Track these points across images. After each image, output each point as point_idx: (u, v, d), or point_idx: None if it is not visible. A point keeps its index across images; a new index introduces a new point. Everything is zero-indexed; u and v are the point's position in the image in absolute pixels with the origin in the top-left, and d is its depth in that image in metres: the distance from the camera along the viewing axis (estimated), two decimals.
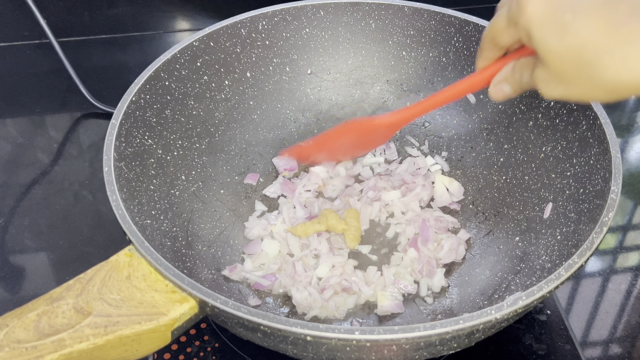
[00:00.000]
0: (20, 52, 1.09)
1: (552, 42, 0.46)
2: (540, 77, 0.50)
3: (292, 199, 0.80)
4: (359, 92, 0.89)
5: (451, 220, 0.78)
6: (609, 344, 0.70)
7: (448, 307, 0.70)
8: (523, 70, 0.53)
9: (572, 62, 0.45)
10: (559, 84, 0.48)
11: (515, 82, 0.55)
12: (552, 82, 0.49)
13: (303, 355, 0.56)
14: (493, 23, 0.54)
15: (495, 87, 0.57)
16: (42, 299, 0.51)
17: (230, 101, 0.83)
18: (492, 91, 0.58)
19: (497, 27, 0.53)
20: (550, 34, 0.46)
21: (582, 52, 0.44)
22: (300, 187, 0.81)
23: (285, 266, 0.73)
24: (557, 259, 0.62)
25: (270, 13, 0.82)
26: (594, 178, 0.64)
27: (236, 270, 0.72)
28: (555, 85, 0.49)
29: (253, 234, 0.77)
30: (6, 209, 0.84)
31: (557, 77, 0.48)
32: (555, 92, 0.49)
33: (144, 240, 0.56)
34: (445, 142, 0.86)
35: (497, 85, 0.57)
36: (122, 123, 0.66)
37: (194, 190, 0.77)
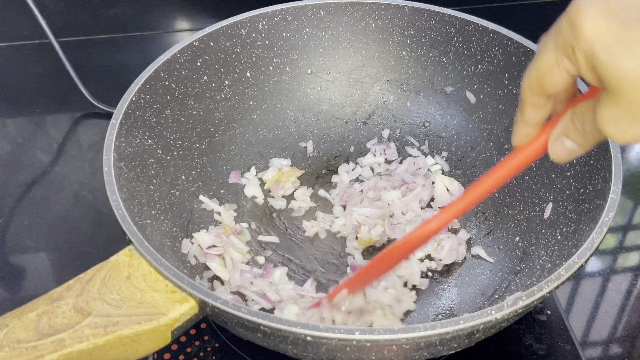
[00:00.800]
0: (20, 52, 1.09)
1: (627, 65, 0.37)
2: (608, 117, 0.40)
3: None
4: (359, 92, 0.89)
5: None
6: (609, 344, 0.70)
7: (448, 308, 0.70)
8: (585, 115, 0.42)
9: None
10: (633, 121, 0.39)
11: (579, 134, 0.44)
12: (624, 121, 0.39)
13: (303, 355, 0.55)
14: (537, 61, 0.43)
15: (554, 144, 0.45)
16: (42, 299, 0.51)
17: (230, 101, 0.83)
18: (552, 150, 0.46)
19: (544, 64, 0.42)
20: (621, 55, 0.37)
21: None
22: None
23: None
24: (557, 259, 0.62)
25: (270, 13, 0.82)
26: (594, 178, 0.63)
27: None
28: (630, 124, 0.39)
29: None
30: (6, 209, 0.84)
31: (632, 112, 0.39)
32: (629, 134, 0.40)
33: (143, 240, 0.56)
34: (445, 142, 0.86)
35: (557, 141, 0.45)
36: (122, 123, 0.66)
37: (194, 190, 0.77)
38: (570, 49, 0.40)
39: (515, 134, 0.48)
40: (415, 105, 0.88)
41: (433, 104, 0.86)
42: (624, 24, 0.37)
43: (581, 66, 0.40)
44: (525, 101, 0.45)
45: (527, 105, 0.45)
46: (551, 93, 0.44)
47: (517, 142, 0.48)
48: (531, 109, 0.46)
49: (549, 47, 0.42)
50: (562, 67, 0.41)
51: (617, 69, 0.37)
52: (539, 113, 0.46)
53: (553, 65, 0.41)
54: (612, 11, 0.38)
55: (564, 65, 0.41)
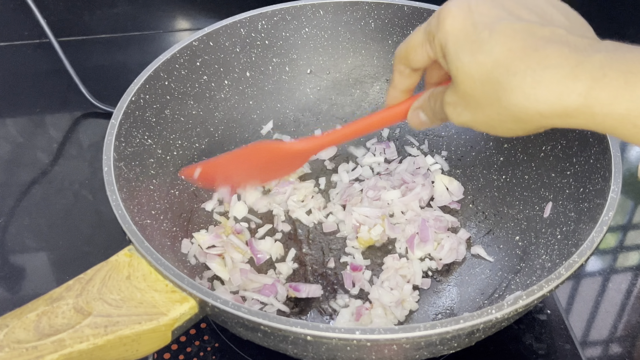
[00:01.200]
0: (20, 52, 1.09)
1: (464, 59, 0.44)
2: (449, 100, 0.47)
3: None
4: (358, 92, 0.89)
5: (451, 219, 0.78)
6: (609, 344, 0.70)
7: (448, 307, 0.70)
8: (437, 97, 0.50)
9: (482, 82, 0.43)
10: (466, 108, 0.46)
11: (430, 110, 0.52)
12: (459, 106, 0.46)
13: (303, 355, 0.56)
14: (409, 39, 0.51)
15: (412, 112, 0.54)
16: (42, 299, 0.51)
17: (230, 101, 0.83)
18: (409, 117, 0.55)
19: (412, 43, 0.50)
20: (464, 50, 0.44)
21: (493, 71, 0.42)
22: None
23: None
24: (557, 258, 0.62)
25: (269, 12, 0.82)
26: (594, 177, 0.63)
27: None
28: (463, 109, 0.46)
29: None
30: (6, 209, 0.84)
31: (466, 99, 0.45)
32: (462, 117, 0.47)
33: (143, 240, 0.56)
34: (445, 142, 0.86)
35: (414, 111, 0.54)
36: (121, 123, 0.66)
37: (194, 190, 0.77)
38: (432, 36, 0.47)
39: (387, 95, 0.57)
40: None
41: None
42: (474, 25, 0.44)
43: (437, 52, 0.48)
44: (395, 68, 0.54)
45: (396, 72, 0.54)
46: (414, 67, 0.52)
47: (387, 102, 0.57)
48: (398, 76, 0.54)
49: (420, 30, 0.50)
50: (424, 49, 0.49)
51: (457, 60, 0.44)
52: (404, 81, 0.54)
53: (418, 45, 0.50)
54: (471, 14, 0.44)
55: (425, 48, 0.49)
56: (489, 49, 0.42)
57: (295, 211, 0.79)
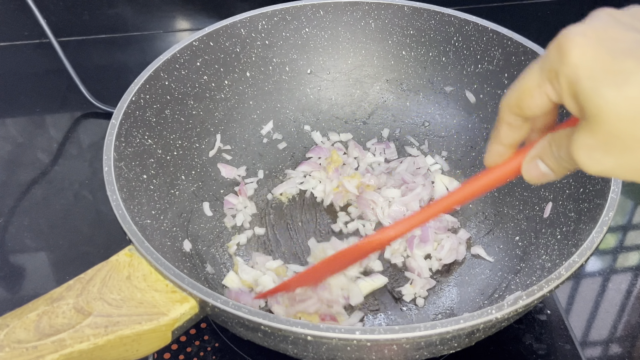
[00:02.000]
0: (20, 52, 1.09)
1: (608, 94, 0.36)
2: (582, 144, 0.39)
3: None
4: (358, 92, 0.89)
5: (451, 219, 0.78)
6: (609, 344, 0.70)
7: (448, 307, 0.70)
8: (562, 141, 0.42)
9: (632, 119, 0.36)
10: (608, 152, 0.38)
11: (554, 159, 0.43)
12: (598, 151, 0.38)
13: (303, 355, 0.56)
14: (520, 82, 0.43)
15: (529, 164, 0.45)
16: (43, 299, 0.51)
17: (230, 101, 0.83)
18: (525, 170, 0.46)
19: (526, 86, 0.42)
20: (604, 84, 0.36)
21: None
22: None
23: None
24: (557, 259, 0.62)
25: (269, 13, 0.82)
26: (593, 177, 0.63)
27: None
28: (603, 155, 0.38)
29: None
30: (6, 209, 0.84)
31: (608, 142, 0.38)
32: (602, 164, 0.39)
33: (144, 240, 0.56)
34: (445, 142, 0.86)
35: (532, 162, 0.45)
36: (122, 123, 0.66)
37: (194, 190, 0.77)
38: (554, 73, 0.40)
39: (488, 153, 0.48)
40: (414, 104, 0.88)
41: (433, 103, 0.86)
42: (611, 54, 0.37)
43: (563, 92, 0.40)
44: (502, 119, 0.46)
45: (503, 124, 0.46)
46: (528, 115, 0.44)
47: (489, 161, 0.48)
48: (506, 128, 0.46)
49: (534, 70, 0.41)
50: (543, 90, 0.41)
51: (599, 96, 0.37)
52: (513, 134, 0.46)
53: (534, 87, 0.41)
54: (601, 41, 0.38)
55: (545, 88, 0.41)
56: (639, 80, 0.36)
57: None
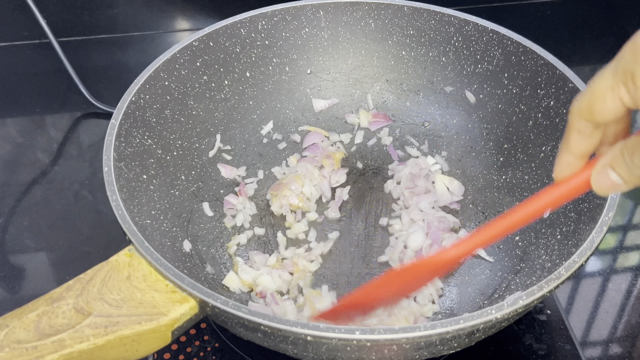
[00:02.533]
0: (20, 52, 1.09)
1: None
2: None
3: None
4: (358, 92, 0.89)
5: (453, 220, 0.78)
6: (609, 344, 0.70)
7: (448, 307, 0.70)
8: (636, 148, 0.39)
9: None
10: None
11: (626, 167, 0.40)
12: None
13: (303, 355, 0.56)
14: (591, 87, 0.40)
15: (600, 173, 0.42)
16: (42, 299, 0.51)
17: (230, 101, 0.83)
18: (595, 180, 0.43)
19: (598, 89, 0.39)
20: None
21: None
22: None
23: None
24: (557, 259, 0.62)
25: (269, 13, 0.82)
26: None
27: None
28: None
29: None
30: (6, 209, 0.84)
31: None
32: None
33: (144, 240, 0.56)
34: (445, 142, 0.86)
35: (602, 171, 0.42)
36: (121, 123, 0.66)
37: (193, 190, 0.77)
38: (629, 75, 0.37)
39: (558, 164, 0.45)
40: (414, 105, 0.88)
41: (433, 103, 0.86)
42: None
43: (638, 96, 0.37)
44: (572, 127, 0.43)
45: (573, 132, 0.43)
46: (600, 121, 0.41)
47: (559, 173, 0.45)
48: (577, 136, 0.43)
49: (607, 73, 0.39)
50: (616, 93, 0.39)
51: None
52: (584, 142, 0.43)
53: (607, 91, 0.39)
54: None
55: (619, 92, 0.38)
56: None
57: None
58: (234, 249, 0.75)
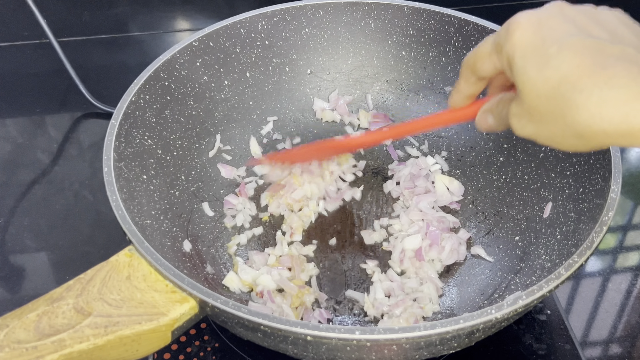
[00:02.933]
0: (20, 52, 1.09)
1: (531, 73, 0.43)
2: (514, 112, 0.47)
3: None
4: (358, 92, 0.89)
5: (452, 220, 0.78)
6: (609, 344, 0.70)
7: (448, 307, 0.70)
8: (505, 104, 0.50)
9: (547, 97, 0.43)
10: (530, 120, 0.45)
11: (498, 115, 0.52)
12: (523, 118, 0.46)
13: (303, 355, 0.56)
14: (477, 48, 0.51)
15: (481, 115, 0.54)
16: (42, 299, 0.51)
17: (230, 101, 0.83)
18: (478, 119, 0.55)
19: (480, 52, 0.50)
20: (531, 64, 0.43)
21: (559, 87, 0.42)
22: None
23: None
24: (557, 259, 0.62)
25: (269, 13, 0.82)
26: (593, 177, 0.64)
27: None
28: (526, 122, 0.46)
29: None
30: (6, 209, 0.84)
31: (530, 113, 0.45)
32: (525, 129, 0.46)
33: (144, 241, 0.56)
34: (445, 142, 0.86)
35: (483, 114, 0.54)
36: (121, 123, 0.66)
37: (193, 190, 0.77)
38: (500, 47, 0.47)
39: (450, 99, 0.57)
40: (414, 105, 0.88)
41: (432, 103, 0.86)
42: (543, 40, 0.43)
43: (504, 64, 0.47)
44: (462, 75, 0.54)
45: (462, 78, 0.54)
46: (480, 76, 0.52)
47: (450, 104, 0.58)
48: (464, 82, 0.54)
49: (489, 41, 0.50)
50: (491, 59, 0.49)
51: (524, 74, 0.44)
52: (469, 88, 0.54)
53: (486, 55, 0.50)
54: (540, 27, 0.44)
55: (492, 58, 0.49)
56: (557, 64, 0.42)
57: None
58: (234, 249, 0.75)
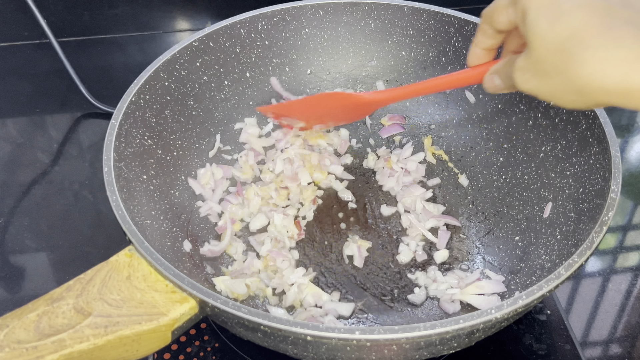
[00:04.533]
0: (20, 52, 1.09)
1: (542, 26, 0.46)
2: (520, 65, 0.49)
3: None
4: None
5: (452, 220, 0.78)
6: (609, 344, 0.70)
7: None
8: (512, 64, 0.52)
9: (554, 50, 0.45)
10: (534, 75, 0.48)
11: (505, 75, 0.54)
12: (528, 72, 0.48)
13: (303, 355, 0.56)
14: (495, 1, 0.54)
15: (489, 76, 0.57)
16: (42, 299, 0.51)
17: (230, 101, 0.83)
18: (485, 80, 0.58)
19: (498, 4, 0.53)
20: (543, 17, 0.46)
21: (567, 42, 0.44)
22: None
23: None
24: (557, 259, 0.62)
25: (269, 13, 0.82)
26: (593, 177, 0.64)
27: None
28: (530, 76, 0.48)
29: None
30: (6, 209, 0.84)
31: (536, 66, 0.47)
32: (528, 83, 0.49)
33: (144, 241, 0.56)
34: (445, 142, 0.86)
35: (490, 75, 0.57)
36: (121, 123, 0.66)
37: (193, 190, 0.77)
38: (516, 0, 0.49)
39: (469, 54, 0.60)
40: (414, 104, 0.88)
41: (432, 103, 0.87)
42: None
43: (518, 17, 0.49)
44: (480, 27, 0.57)
45: (480, 30, 0.57)
46: (497, 28, 0.54)
47: (469, 61, 0.60)
48: (482, 35, 0.57)
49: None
50: (507, 11, 0.52)
51: (535, 27, 0.46)
52: (486, 40, 0.57)
53: (502, 7, 0.52)
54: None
55: (508, 10, 0.52)
56: (568, 20, 0.44)
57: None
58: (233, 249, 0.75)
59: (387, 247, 0.76)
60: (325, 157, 0.83)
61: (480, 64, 0.59)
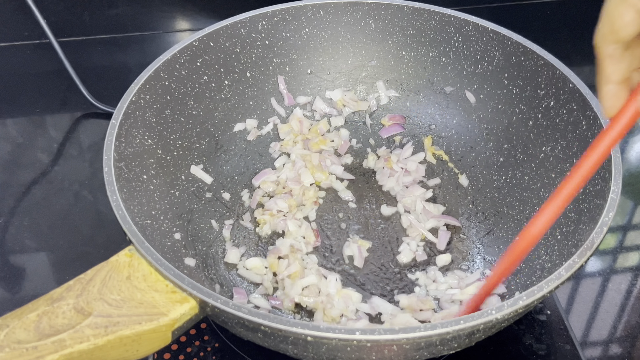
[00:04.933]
0: (20, 52, 1.09)
1: None
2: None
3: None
4: (358, 92, 0.89)
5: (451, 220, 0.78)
6: (609, 344, 0.70)
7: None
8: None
9: None
10: None
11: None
12: None
13: (303, 355, 0.56)
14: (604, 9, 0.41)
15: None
16: (43, 299, 0.51)
17: (230, 101, 0.83)
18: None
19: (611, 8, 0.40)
20: None
21: None
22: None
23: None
24: (557, 259, 0.62)
25: (269, 13, 0.82)
26: (593, 178, 0.63)
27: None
28: None
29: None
30: (6, 209, 0.84)
31: None
32: None
33: (144, 241, 0.56)
34: (445, 142, 0.86)
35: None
36: (122, 123, 0.66)
37: (193, 190, 0.77)
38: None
39: (604, 100, 0.43)
40: (414, 105, 0.88)
41: (433, 104, 0.86)
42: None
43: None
44: (602, 55, 0.42)
45: (605, 59, 0.42)
46: (624, 36, 0.40)
47: (609, 108, 0.43)
48: (610, 63, 0.42)
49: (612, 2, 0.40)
50: (629, 3, 0.38)
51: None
52: (619, 66, 0.42)
53: (619, 4, 0.39)
54: None
55: (633, 2, 0.38)
56: None
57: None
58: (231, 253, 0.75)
59: (387, 247, 0.76)
60: (325, 157, 0.83)
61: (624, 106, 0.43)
